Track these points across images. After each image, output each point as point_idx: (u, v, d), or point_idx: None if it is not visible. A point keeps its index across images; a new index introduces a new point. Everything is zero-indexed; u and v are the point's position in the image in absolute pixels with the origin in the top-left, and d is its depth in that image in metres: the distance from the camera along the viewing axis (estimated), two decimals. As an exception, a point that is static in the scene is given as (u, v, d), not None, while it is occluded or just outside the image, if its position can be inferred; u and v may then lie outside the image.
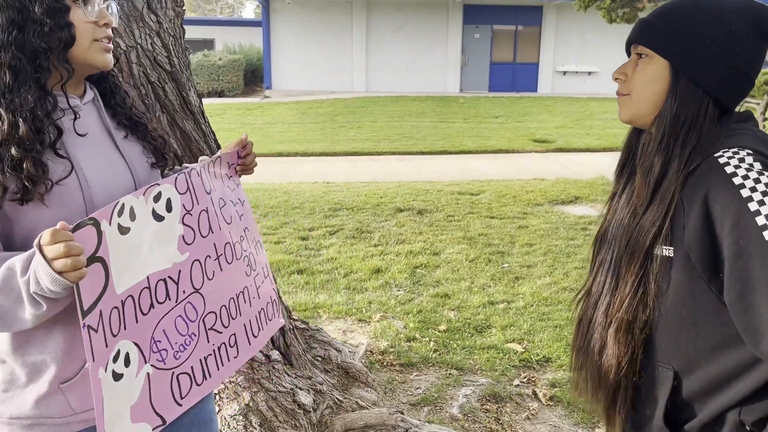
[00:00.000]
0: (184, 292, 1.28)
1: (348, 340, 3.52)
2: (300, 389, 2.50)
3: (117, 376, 1.13)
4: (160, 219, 1.22)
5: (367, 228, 5.84)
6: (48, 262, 0.98)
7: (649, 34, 1.14)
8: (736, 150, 1.03)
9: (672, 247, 1.08)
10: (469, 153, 10.70)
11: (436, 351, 3.40)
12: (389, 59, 20.68)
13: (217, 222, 1.40)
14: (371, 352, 3.33)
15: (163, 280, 1.23)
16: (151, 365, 1.21)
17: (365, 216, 6.26)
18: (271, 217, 6.17)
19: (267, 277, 1.62)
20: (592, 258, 1.30)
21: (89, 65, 1.23)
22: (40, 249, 0.99)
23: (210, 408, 1.53)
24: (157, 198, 1.22)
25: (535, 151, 10.86)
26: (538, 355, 3.36)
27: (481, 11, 20.69)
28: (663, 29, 1.12)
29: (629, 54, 1.21)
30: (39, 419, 1.20)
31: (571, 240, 5.51)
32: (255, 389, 2.38)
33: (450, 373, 3.17)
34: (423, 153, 10.64)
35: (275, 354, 2.54)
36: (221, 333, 1.39)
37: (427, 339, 3.55)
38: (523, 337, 3.58)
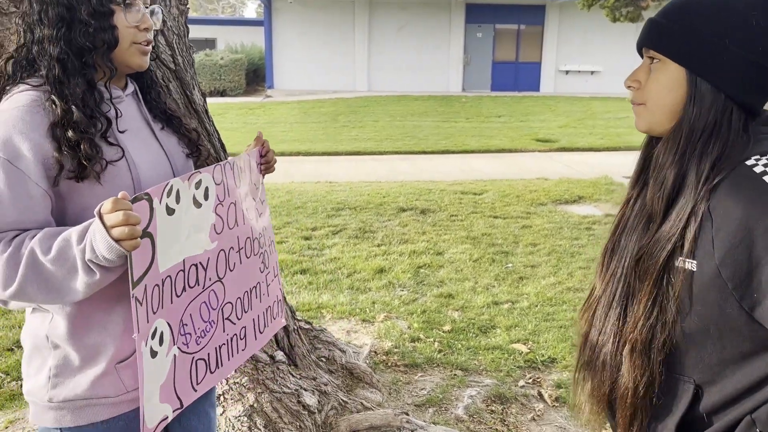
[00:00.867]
0: (210, 279, 1.34)
1: (352, 340, 3.50)
2: (305, 390, 2.48)
3: (153, 353, 1.18)
4: (198, 206, 1.28)
5: (370, 228, 5.82)
6: (107, 229, 1.03)
7: (660, 37, 1.05)
8: None
9: (695, 261, 1.00)
10: (472, 152, 10.67)
11: (440, 351, 3.38)
12: (391, 59, 20.67)
13: (242, 216, 1.46)
14: (375, 352, 3.32)
15: (195, 265, 1.28)
16: (178, 347, 1.26)
17: (368, 216, 6.24)
18: (274, 217, 6.15)
19: (276, 277, 1.68)
20: (601, 268, 1.22)
21: (126, 65, 1.30)
22: (100, 216, 1.04)
23: (212, 400, 1.59)
24: (198, 185, 1.27)
25: (538, 151, 10.83)
26: (543, 356, 3.34)
27: (484, 10, 20.66)
28: (674, 31, 1.03)
29: (642, 55, 1.12)
30: (92, 400, 1.25)
31: (575, 240, 5.49)
32: (259, 390, 2.36)
33: (455, 374, 3.15)
34: (425, 152, 10.62)
35: (279, 355, 2.52)
36: (235, 324, 1.46)
37: (432, 339, 3.53)
38: (528, 338, 3.56)
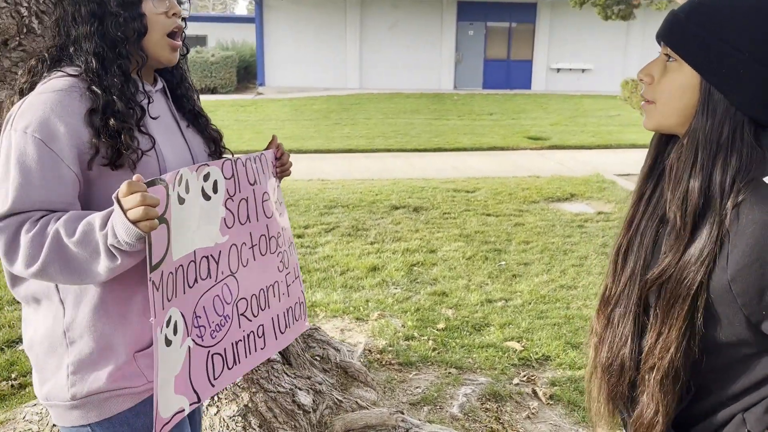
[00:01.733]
0: (222, 273, 1.35)
1: (346, 339, 3.49)
2: (299, 389, 2.47)
3: (168, 341, 1.19)
4: (207, 198, 1.29)
5: (363, 225, 5.81)
6: (124, 211, 1.05)
7: (679, 38, 1.01)
8: None
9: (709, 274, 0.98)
10: (464, 150, 10.68)
11: (434, 350, 3.38)
12: (383, 56, 20.64)
13: (256, 213, 1.46)
14: (370, 351, 3.31)
15: (206, 257, 1.29)
16: (192, 339, 1.27)
17: (361, 213, 6.23)
18: (267, 215, 6.12)
19: (297, 278, 1.68)
20: (614, 267, 1.18)
21: (156, 59, 1.32)
22: (117, 200, 1.06)
23: None
24: (206, 177, 1.28)
25: (530, 149, 10.85)
26: (537, 354, 3.34)
27: (475, 8, 20.67)
28: (695, 36, 0.98)
29: (659, 45, 1.07)
30: (115, 391, 1.26)
31: (568, 237, 5.50)
32: (254, 390, 2.35)
33: (449, 372, 3.15)
34: (418, 150, 10.61)
35: (273, 354, 2.51)
36: (251, 321, 1.46)
37: (426, 338, 3.52)
38: (522, 336, 3.56)
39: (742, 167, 0.97)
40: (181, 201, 1.19)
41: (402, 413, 2.60)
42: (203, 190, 1.27)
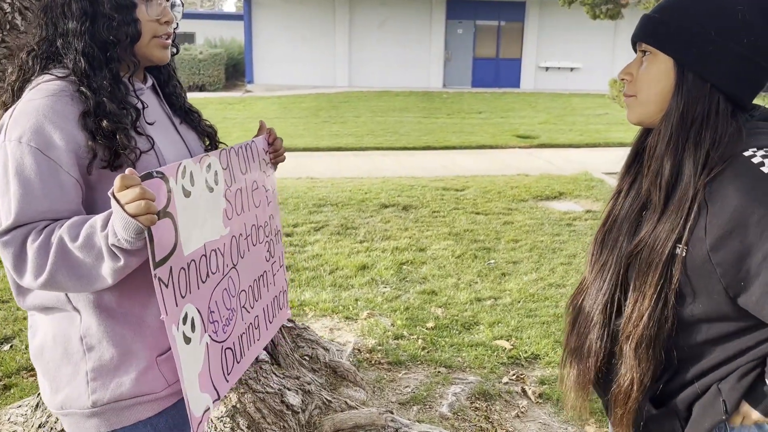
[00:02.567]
0: (227, 265, 1.33)
1: (335, 338, 3.48)
2: (288, 389, 2.45)
3: (187, 339, 1.16)
4: (210, 190, 1.27)
5: (352, 224, 5.79)
6: (122, 206, 1.02)
7: (651, 29, 1.09)
8: (767, 150, 0.99)
9: (686, 247, 1.04)
10: (453, 149, 10.68)
11: (424, 349, 3.37)
12: (372, 54, 20.61)
13: (249, 203, 1.45)
14: (359, 350, 3.30)
15: (214, 250, 1.28)
16: (208, 335, 1.25)
17: (350, 212, 6.21)
18: (255, 213, 6.09)
19: (282, 267, 1.67)
20: (591, 257, 1.25)
21: (147, 59, 1.30)
22: (114, 196, 1.03)
23: None
24: (208, 168, 1.27)
25: (519, 147, 10.87)
26: (526, 352, 3.34)
27: (465, 6, 20.68)
28: (664, 24, 1.07)
29: (636, 51, 1.16)
30: (138, 398, 1.23)
31: (557, 236, 5.51)
32: (242, 390, 2.33)
33: (439, 371, 3.14)
34: (407, 148, 10.60)
35: (262, 354, 2.49)
36: (249, 313, 1.45)
37: (415, 337, 3.52)
38: (511, 334, 3.56)
39: (715, 142, 1.03)
40: (187, 194, 1.17)
41: (391, 413, 2.60)
42: (206, 181, 1.25)
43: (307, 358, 2.85)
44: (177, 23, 1.35)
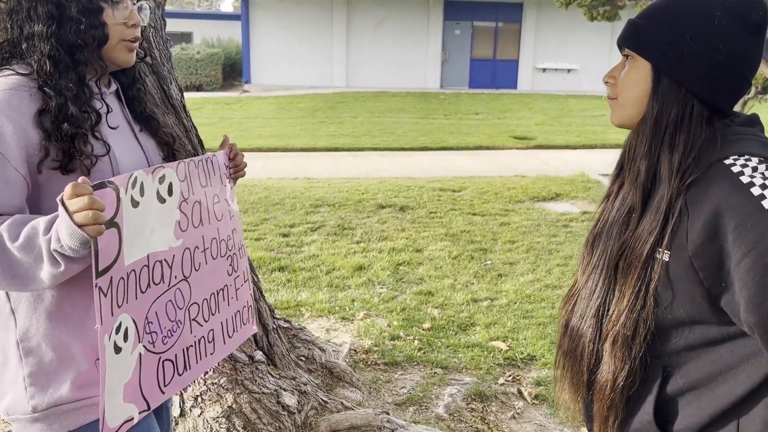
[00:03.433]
0: (175, 277, 1.32)
1: (331, 339, 3.48)
2: (284, 390, 2.45)
3: (117, 348, 1.16)
4: (162, 201, 1.26)
5: (349, 224, 5.79)
6: (70, 215, 1.01)
7: (632, 34, 1.12)
8: (747, 157, 1.00)
9: (669, 252, 1.04)
10: (450, 149, 10.68)
11: (420, 350, 3.37)
12: (369, 55, 20.60)
13: (208, 216, 1.44)
14: (355, 351, 3.29)
15: (160, 261, 1.26)
16: (143, 346, 1.24)
17: (347, 212, 6.21)
18: (251, 214, 6.09)
19: (246, 282, 1.65)
20: (582, 260, 1.26)
21: (113, 62, 1.30)
22: (62, 203, 1.01)
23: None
24: (162, 180, 1.26)
25: (516, 148, 10.89)
26: (522, 353, 3.35)
27: (462, 7, 20.70)
28: (644, 29, 1.09)
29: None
30: (78, 402, 1.22)
31: (553, 237, 5.52)
32: (238, 391, 2.33)
33: (435, 372, 3.14)
34: (404, 149, 10.60)
35: (258, 354, 2.49)
36: (202, 326, 1.44)
37: (411, 337, 3.51)
38: (507, 335, 3.57)
39: (688, 147, 1.05)
40: (135, 204, 1.16)
41: (387, 414, 2.60)
42: (158, 192, 1.24)
43: (303, 358, 2.85)
44: (144, 26, 1.34)
